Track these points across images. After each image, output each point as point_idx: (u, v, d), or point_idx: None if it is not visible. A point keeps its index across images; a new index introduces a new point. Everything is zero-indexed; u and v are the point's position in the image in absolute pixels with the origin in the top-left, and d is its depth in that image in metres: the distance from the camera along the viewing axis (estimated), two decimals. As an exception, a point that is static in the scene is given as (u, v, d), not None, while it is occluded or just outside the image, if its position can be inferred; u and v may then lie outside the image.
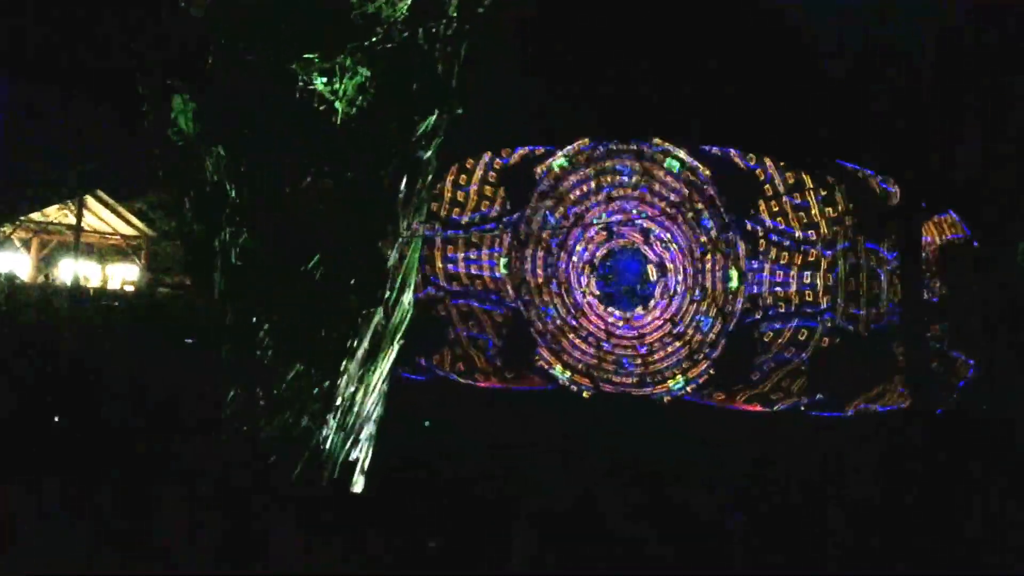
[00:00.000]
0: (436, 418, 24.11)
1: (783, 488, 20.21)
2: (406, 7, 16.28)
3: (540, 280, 28.79)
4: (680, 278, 27.86)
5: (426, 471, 18.68)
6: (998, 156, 24.14)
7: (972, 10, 22.96)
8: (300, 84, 15.96)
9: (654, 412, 27.27)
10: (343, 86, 16.13)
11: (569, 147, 28.38)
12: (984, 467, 20.02)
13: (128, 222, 35.08)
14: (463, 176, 28.86)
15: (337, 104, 16.11)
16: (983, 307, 25.51)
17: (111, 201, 34.00)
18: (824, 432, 25.35)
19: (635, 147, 27.96)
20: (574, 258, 28.67)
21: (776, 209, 27.10)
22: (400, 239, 16.88)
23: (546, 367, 28.57)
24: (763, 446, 23.58)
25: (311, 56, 15.93)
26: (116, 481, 14.56)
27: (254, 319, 15.96)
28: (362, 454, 17.02)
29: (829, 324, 26.78)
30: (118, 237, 36.02)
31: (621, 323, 28.33)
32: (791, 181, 27.03)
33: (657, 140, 27.80)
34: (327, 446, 16.19)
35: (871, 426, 25.48)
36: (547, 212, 28.63)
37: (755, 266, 27.22)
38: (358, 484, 16.84)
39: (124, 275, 36.54)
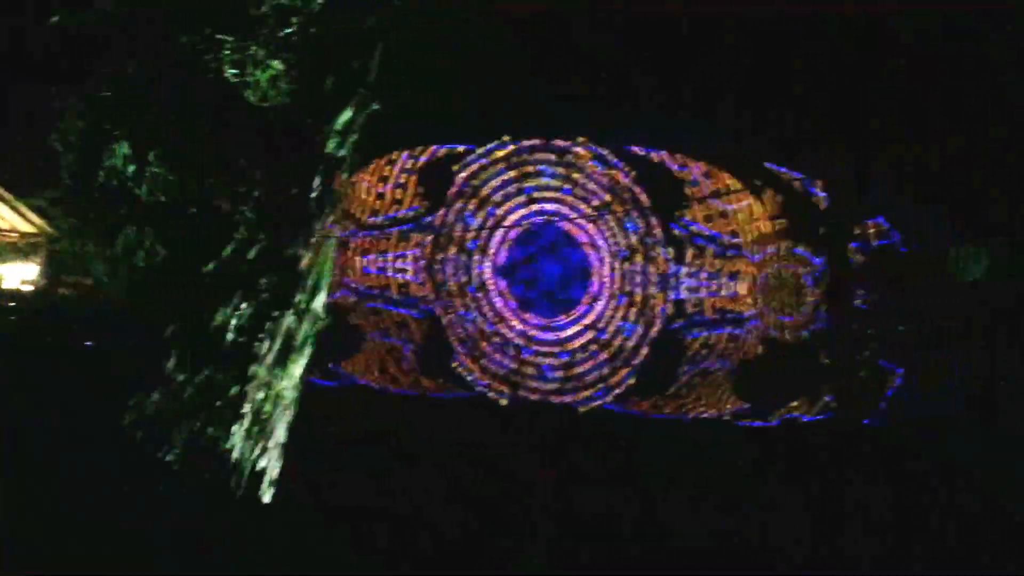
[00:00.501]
0: (349, 426, 23.69)
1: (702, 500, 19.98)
2: (322, -1, 15.64)
3: (458, 284, 28.07)
4: (603, 283, 27.28)
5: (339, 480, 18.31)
6: (930, 161, 23.94)
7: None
8: (210, 76, 15.31)
9: (574, 420, 26.82)
10: (255, 79, 15.46)
11: (489, 146, 27.66)
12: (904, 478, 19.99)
13: (27, 219, 33.87)
14: (379, 175, 28.09)
15: (249, 98, 15.42)
16: (910, 314, 25.35)
17: (8, 196, 32.82)
18: (748, 442, 25.13)
19: (558, 147, 27.31)
20: (493, 261, 27.93)
21: (702, 213, 26.69)
22: (313, 240, 16.25)
23: (464, 374, 27.83)
24: (686, 455, 23.34)
25: (226, 47, 15.23)
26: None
27: (158, 322, 15.25)
28: (271, 463, 16.40)
29: (755, 331, 26.46)
30: (15, 234, 34.78)
31: (542, 329, 27.68)
32: (718, 185, 26.66)
33: (580, 140, 27.19)
34: (235, 455, 15.58)
35: (795, 435, 25.23)
36: (466, 213, 27.88)
37: (680, 271, 26.75)
38: (267, 494, 16.25)
39: (22, 275, 35.26)
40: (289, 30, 15.39)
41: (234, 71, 15.30)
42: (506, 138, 27.50)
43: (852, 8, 22.36)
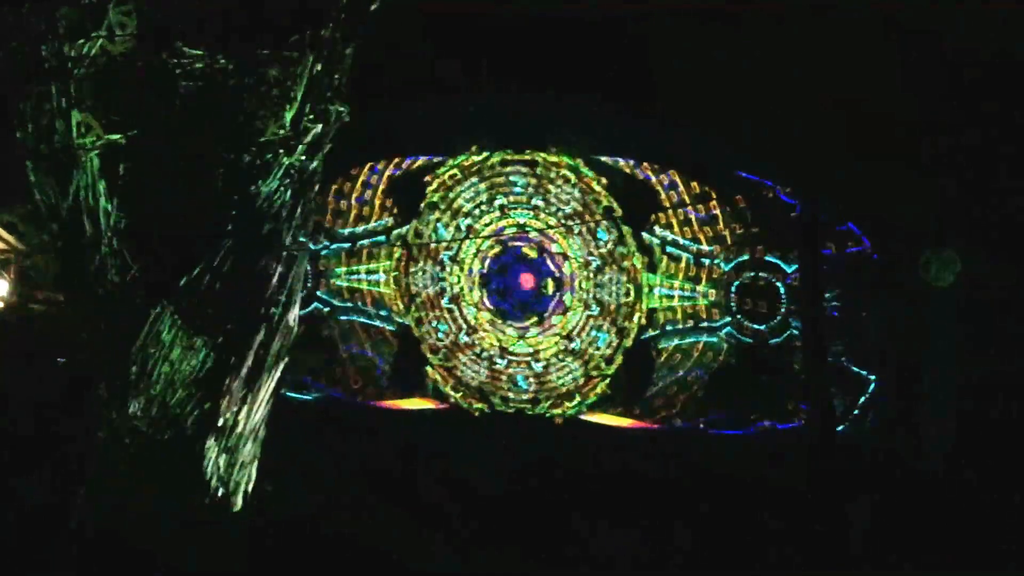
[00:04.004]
0: (322, 439, 23.66)
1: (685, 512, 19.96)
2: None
3: (430, 295, 28.00)
4: (576, 292, 27.23)
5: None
6: (900, 168, 23.95)
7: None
8: (181, 90, 15.24)
9: (548, 430, 26.84)
10: (223, 92, 15.42)
11: (460, 157, 27.59)
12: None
13: (-3, 235, 33.58)
14: (350, 187, 28.04)
15: (219, 110, 15.38)
16: (881, 322, 25.36)
17: (-22, 214, 32.53)
18: (722, 450, 25.15)
19: (529, 157, 27.26)
20: (466, 272, 27.86)
21: (674, 222, 26.65)
22: (285, 253, 16.20)
23: (437, 385, 27.78)
24: (662, 466, 23.36)
25: (191, 56, 15.18)
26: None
27: (131, 337, 15.20)
28: (244, 477, 16.36)
29: (728, 339, 26.42)
30: (-14, 251, 34.46)
31: (515, 339, 27.59)
32: (689, 193, 26.64)
33: (552, 150, 27.12)
34: (209, 469, 15.55)
35: (770, 444, 25.26)
36: (438, 224, 27.81)
37: (652, 280, 26.70)
38: (239, 507, 16.24)
39: (-6, 292, 34.93)
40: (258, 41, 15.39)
41: (201, 83, 15.28)
42: (476, 149, 27.40)
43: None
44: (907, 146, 23.40)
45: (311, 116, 16.10)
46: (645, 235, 26.81)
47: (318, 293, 27.94)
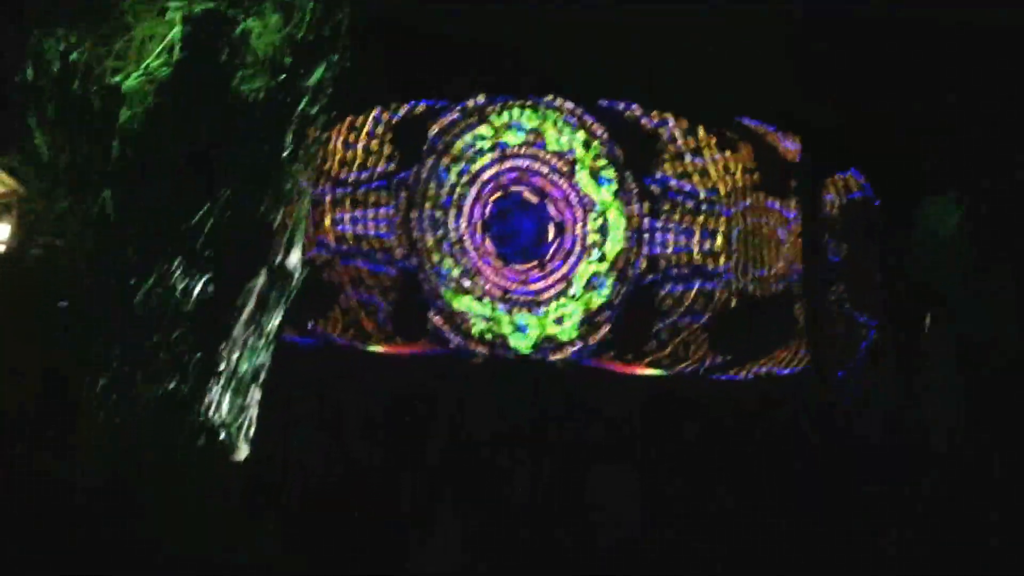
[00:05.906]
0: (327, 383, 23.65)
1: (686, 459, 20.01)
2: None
3: (434, 239, 27.92)
4: (577, 237, 27.20)
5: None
6: (900, 113, 23.92)
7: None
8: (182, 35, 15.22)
9: (551, 377, 26.82)
10: (224, 37, 15.39)
11: (462, 102, 27.46)
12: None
13: (-1, 179, 33.52)
14: (352, 132, 27.87)
15: (221, 56, 15.35)
16: (881, 268, 25.43)
17: (-22, 157, 32.43)
18: (725, 395, 25.20)
19: (531, 103, 27.14)
20: (467, 217, 27.78)
21: (676, 168, 26.62)
22: (286, 198, 16.22)
23: (439, 330, 27.74)
24: (663, 411, 23.39)
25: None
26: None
27: (131, 280, 15.20)
28: (246, 422, 16.44)
29: (729, 285, 26.45)
30: (-13, 195, 34.40)
31: (516, 285, 27.57)
32: (691, 139, 26.58)
33: (552, 96, 27.02)
34: (209, 414, 15.61)
35: (771, 389, 25.34)
36: (440, 169, 27.71)
37: (654, 226, 26.67)
38: (242, 452, 16.32)
39: (-4, 235, 34.88)
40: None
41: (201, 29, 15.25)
42: (481, 97, 27.29)
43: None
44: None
45: (312, 61, 16.09)
46: (647, 181, 26.77)
47: (319, 238, 27.79)
